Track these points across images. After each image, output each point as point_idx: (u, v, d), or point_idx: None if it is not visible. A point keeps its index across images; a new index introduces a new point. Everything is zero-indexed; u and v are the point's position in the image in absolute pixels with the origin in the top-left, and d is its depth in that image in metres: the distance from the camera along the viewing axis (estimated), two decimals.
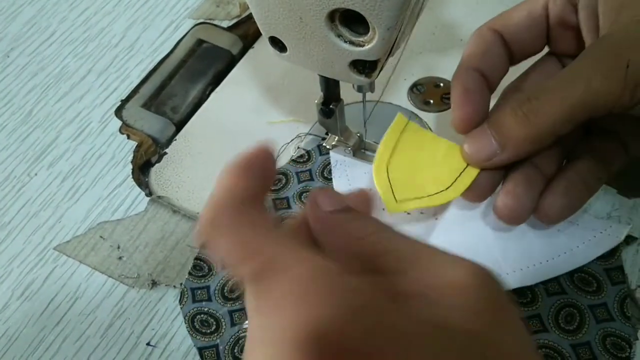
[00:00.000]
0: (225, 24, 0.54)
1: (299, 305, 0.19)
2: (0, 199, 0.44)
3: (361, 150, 0.43)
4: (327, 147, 0.43)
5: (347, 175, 0.42)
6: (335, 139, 0.43)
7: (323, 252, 0.24)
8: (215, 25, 0.54)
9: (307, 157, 0.44)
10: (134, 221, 0.42)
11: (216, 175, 0.44)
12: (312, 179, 0.43)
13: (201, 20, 0.54)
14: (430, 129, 0.45)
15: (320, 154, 0.44)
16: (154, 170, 0.45)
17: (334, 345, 0.18)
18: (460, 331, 0.20)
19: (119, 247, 0.41)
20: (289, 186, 0.42)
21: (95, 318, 0.38)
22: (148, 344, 0.37)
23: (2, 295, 0.40)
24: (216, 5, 0.55)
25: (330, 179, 0.42)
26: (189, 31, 0.53)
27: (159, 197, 0.43)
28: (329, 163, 0.43)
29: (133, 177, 0.45)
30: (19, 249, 0.42)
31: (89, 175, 0.45)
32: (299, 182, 0.43)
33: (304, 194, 0.42)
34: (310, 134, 0.45)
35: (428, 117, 0.46)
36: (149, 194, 0.44)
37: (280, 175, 0.43)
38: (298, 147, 0.45)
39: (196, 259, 0.39)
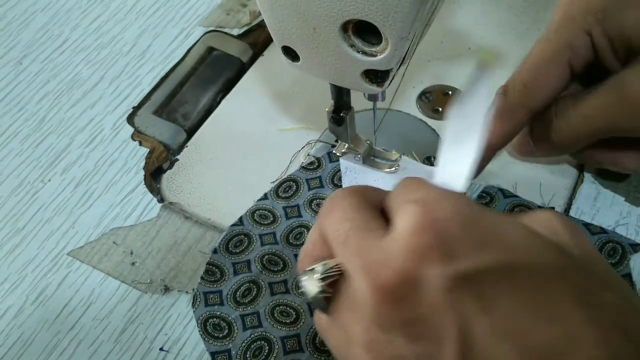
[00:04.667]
0: (236, 31, 0.54)
1: None
2: (14, 205, 0.45)
3: (371, 157, 0.44)
4: (337, 154, 0.44)
5: (357, 183, 0.43)
6: (345, 146, 0.43)
7: None
8: (226, 33, 0.54)
9: (317, 164, 0.44)
10: (147, 227, 0.43)
11: (227, 181, 0.45)
12: (322, 186, 0.43)
13: (212, 28, 0.55)
14: (440, 137, 0.46)
15: (330, 161, 0.44)
16: (165, 177, 0.46)
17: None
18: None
19: (131, 253, 0.41)
20: (300, 193, 0.43)
21: (109, 323, 0.39)
22: (161, 349, 0.37)
23: (16, 300, 0.40)
24: (226, 13, 0.56)
25: (341, 186, 0.43)
26: (199, 39, 0.54)
27: (170, 203, 0.44)
28: (339, 170, 0.43)
29: (145, 184, 0.45)
30: (33, 254, 0.42)
31: (102, 182, 0.45)
32: (310, 189, 0.43)
33: (315, 201, 0.42)
34: (320, 141, 0.46)
35: (436, 124, 0.46)
36: (161, 200, 0.44)
37: (291, 183, 0.44)
38: (308, 155, 0.45)
39: (208, 264, 0.40)
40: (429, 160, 0.44)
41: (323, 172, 0.44)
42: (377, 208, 0.28)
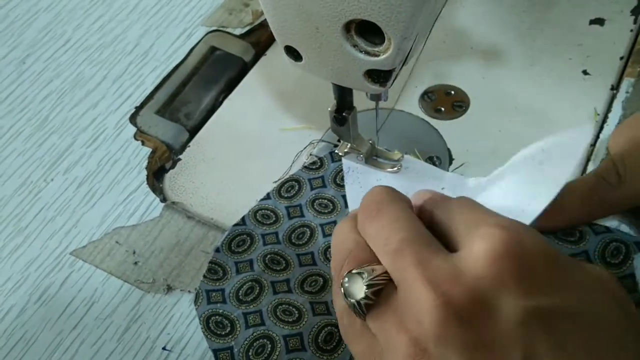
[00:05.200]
0: (238, 31, 0.54)
1: None
2: (17, 204, 0.45)
3: (373, 157, 0.44)
4: (340, 154, 0.44)
5: (360, 183, 0.43)
6: (348, 146, 0.43)
7: None
8: (228, 33, 0.54)
9: (319, 164, 0.44)
10: (149, 227, 0.43)
11: (230, 180, 0.45)
12: (324, 186, 0.43)
13: (214, 28, 0.55)
14: (441, 136, 0.46)
15: (333, 161, 0.44)
16: (168, 176, 0.46)
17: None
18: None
19: (134, 253, 0.41)
20: (302, 193, 0.43)
21: (111, 322, 0.39)
22: (164, 348, 0.37)
23: (19, 300, 0.40)
24: (229, 13, 0.56)
25: (343, 186, 0.43)
26: (202, 39, 0.54)
27: (173, 203, 0.44)
28: (342, 170, 0.43)
29: (148, 183, 0.45)
30: (36, 253, 0.42)
31: (105, 181, 0.46)
32: (312, 189, 0.43)
33: (317, 201, 0.43)
34: (322, 141, 0.46)
35: (439, 124, 0.46)
36: (164, 199, 0.44)
37: (293, 182, 0.44)
38: (310, 154, 0.45)
39: (211, 262, 0.40)
40: (431, 160, 0.44)
41: (325, 172, 0.44)
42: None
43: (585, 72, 0.48)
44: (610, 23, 0.51)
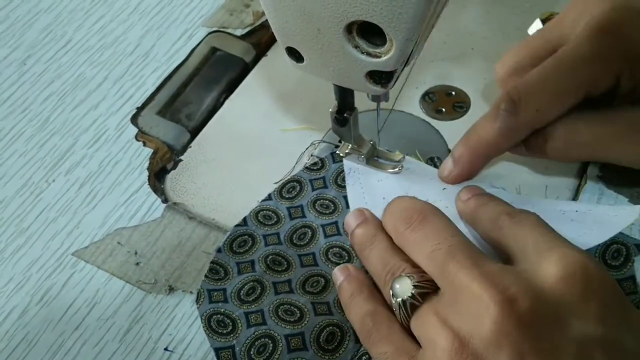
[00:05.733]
0: (239, 32, 0.54)
1: None
2: (19, 205, 0.45)
3: (374, 158, 0.44)
4: (341, 154, 0.44)
5: (361, 183, 0.43)
6: (349, 147, 0.43)
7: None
8: (229, 34, 0.54)
9: (320, 164, 0.44)
10: (151, 227, 0.43)
11: (231, 181, 0.45)
12: (326, 187, 0.43)
13: (215, 29, 0.55)
14: (442, 137, 0.46)
15: (334, 162, 0.44)
16: (169, 177, 0.46)
17: None
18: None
19: (136, 253, 0.42)
20: (303, 194, 0.43)
21: (113, 323, 0.39)
22: (166, 349, 0.37)
23: (21, 301, 0.40)
24: (230, 14, 0.56)
25: (344, 187, 0.43)
26: (203, 39, 0.54)
27: (175, 203, 0.44)
28: (343, 171, 0.43)
29: (149, 184, 0.45)
30: (38, 254, 0.42)
31: (106, 182, 0.46)
32: (313, 189, 0.43)
33: (318, 202, 0.43)
34: (324, 142, 0.46)
35: (440, 125, 0.47)
36: (165, 200, 0.44)
37: (295, 183, 0.44)
38: (312, 155, 0.45)
39: (212, 262, 0.40)
40: (432, 160, 0.44)
41: (327, 173, 0.44)
42: None
43: None
44: None
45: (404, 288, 0.28)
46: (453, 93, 0.48)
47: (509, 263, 0.29)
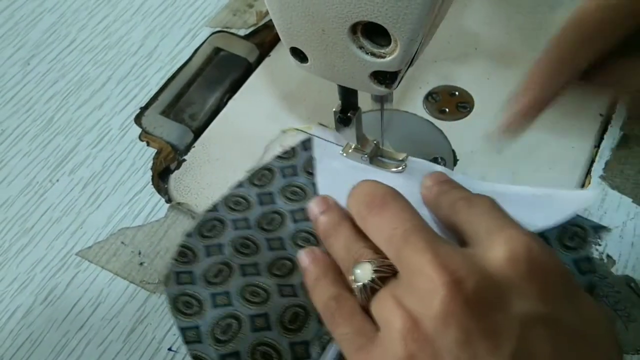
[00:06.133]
0: (242, 32, 0.54)
1: None
2: (23, 205, 0.45)
3: (378, 157, 0.44)
4: (344, 154, 0.44)
5: (331, 170, 0.44)
6: (352, 147, 0.44)
7: None
8: (232, 34, 0.54)
9: (291, 153, 0.45)
10: (155, 227, 0.43)
11: (234, 181, 0.45)
12: (296, 174, 0.44)
13: (218, 29, 0.55)
14: (446, 137, 0.46)
15: (304, 150, 0.45)
16: (173, 177, 0.46)
17: None
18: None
19: (140, 253, 0.42)
20: (274, 181, 0.44)
21: (117, 323, 0.39)
22: (170, 349, 0.38)
23: (25, 300, 0.40)
24: (233, 14, 0.56)
25: (313, 174, 0.44)
26: (206, 39, 0.54)
27: (178, 203, 0.44)
28: (313, 158, 0.44)
29: (153, 184, 0.45)
30: (42, 254, 0.42)
31: (110, 182, 0.46)
32: (284, 177, 0.44)
33: (288, 189, 0.43)
34: (297, 129, 0.46)
35: (443, 125, 0.47)
36: (169, 200, 0.44)
37: (265, 171, 0.44)
38: (281, 146, 0.46)
39: (181, 246, 0.40)
40: (436, 160, 0.44)
41: (297, 161, 0.44)
42: None
43: None
44: None
45: (365, 273, 0.29)
46: (456, 93, 0.48)
47: (465, 246, 0.30)
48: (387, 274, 0.29)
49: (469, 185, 0.36)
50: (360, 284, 0.30)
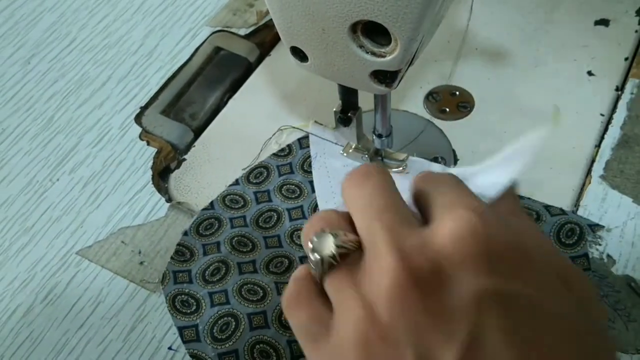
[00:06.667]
0: (243, 31, 0.54)
1: None
2: (23, 204, 0.45)
3: (378, 157, 0.44)
4: (344, 154, 0.44)
5: (327, 168, 0.43)
6: (353, 146, 0.44)
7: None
8: (233, 33, 0.54)
9: (288, 151, 0.45)
10: (155, 227, 0.43)
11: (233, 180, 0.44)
12: (292, 172, 0.44)
13: (218, 28, 0.55)
14: (446, 137, 0.46)
15: (301, 148, 0.45)
16: (173, 176, 0.46)
17: None
18: None
19: (140, 252, 0.42)
20: (270, 179, 0.44)
21: (117, 322, 0.39)
22: (170, 348, 0.38)
23: (25, 299, 0.40)
24: (233, 13, 0.56)
25: (310, 172, 0.44)
26: (206, 39, 0.54)
27: (178, 203, 0.44)
28: (309, 156, 0.44)
29: (153, 183, 0.45)
30: (42, 253, 0.42)
31: (110, 181, 0.46)
32: (280, 175, 0.44)
33: (284, 187, 0.43)
34: (293, 127, 0.47)
35: (444, 125, 0.47)
36: (169, 199, 0.44)
37: (262, 169, 0.45)
38: (278, 143, 0.46)
39: (178, 245, 0.41)
40: (436, 160, 0.44)
41: (293, 159, 0.45)
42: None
43: (590, 73, 0.48)
44: (615, 24, 0.51)
45: (325, 245, 0.27)
46: (457, 93, 0.48)
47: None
48: (349, 250, 0.27)
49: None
50: (317, 256, 0.27)
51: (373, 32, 0.32)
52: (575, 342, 0.24)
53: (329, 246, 0.27)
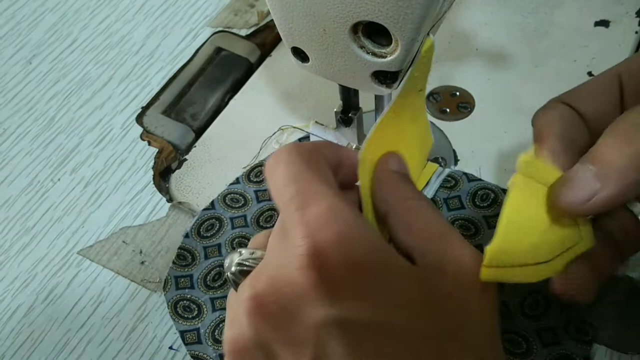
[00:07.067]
0: (244, 32, 0.55)
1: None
2: (25, 204, 0.45)
3: None
4: None
5: None
6: (354, 147, 0.44)
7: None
8: (234, 34, 0.54)
9: None
10: (156, 226, 0.43)
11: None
12: None
13: (220, 29, 0.55)
14: (447, 137, 0.46)
15: None
16: (174, 177, 0.46)
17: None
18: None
19: (141, 252, 0.42)
20: None
21: (118, 322, 0.39)
22: (171, 347, 0.38)
23: (26, 299, 0.40)
24: (234, 14, 0.56)
25: None
26: (207, 39, 0.54)
27: (179, 203, 0.44)
28: None
29: (154, 183, 0.45)
30: (43, 253, 0.42)
31: (111, 181, 0.46)
32: None
33: None
34: (292, 127, 0.47)
35: (444, 125, 0.47)
36: (170, 199, 0.44)
37: (262, 168, 0.45)
38: (279, 143, 0.46)
39: (180, 248, 0.41)
40: (436, 161, 0.44)
41: None
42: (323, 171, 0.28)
43: (590, 74, 0.48)
44: (615, 25, 0.51)
45: (229, 263, 0.28)
46: (457, 93, 0.48)
47: None
48: (248, 268, 0.28)
49: None
50: (228, 274, 0.28)
51: (374, 33, 0.32)
52: (417, 352, 0.24)
53: (232, 264, 0.28)
